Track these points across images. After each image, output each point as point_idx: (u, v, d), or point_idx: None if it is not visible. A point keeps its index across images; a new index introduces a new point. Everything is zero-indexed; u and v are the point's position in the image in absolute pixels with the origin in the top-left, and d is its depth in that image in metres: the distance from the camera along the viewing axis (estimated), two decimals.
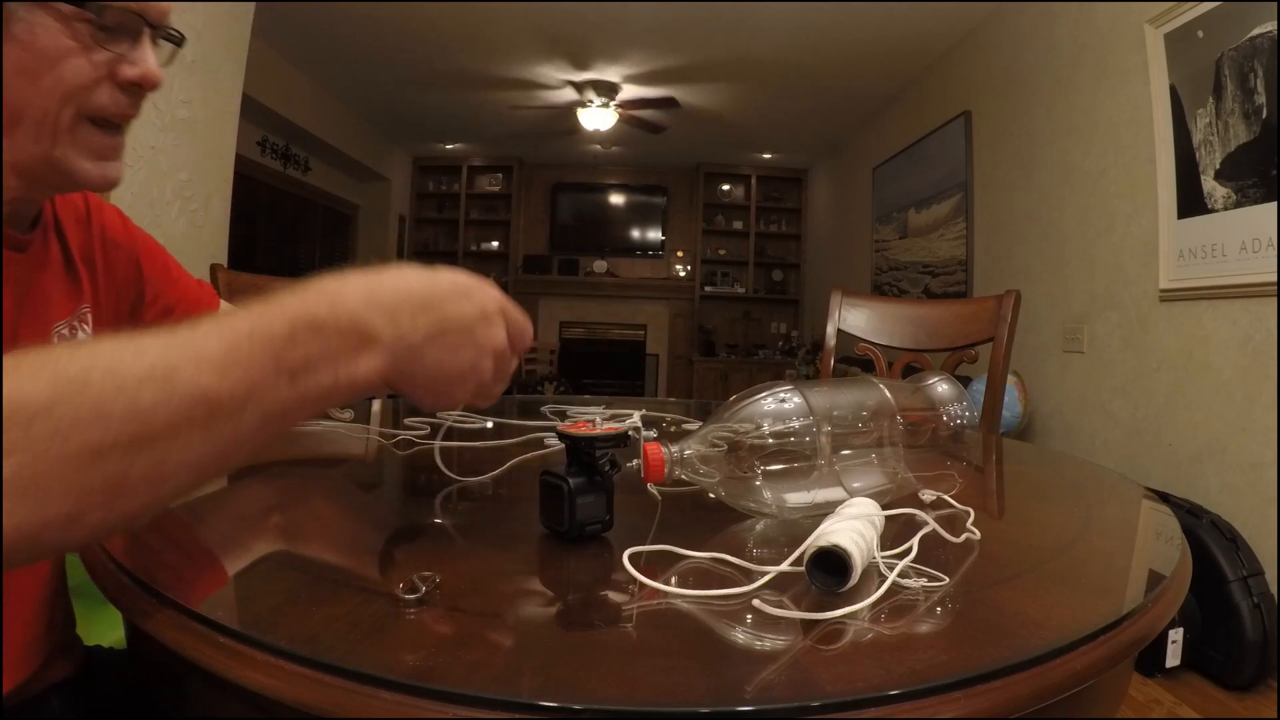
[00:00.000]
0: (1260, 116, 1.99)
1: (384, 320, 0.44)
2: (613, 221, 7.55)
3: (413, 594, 0.43)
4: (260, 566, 0.53)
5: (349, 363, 0.43)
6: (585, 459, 0.54)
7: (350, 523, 0.65)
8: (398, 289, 0.45)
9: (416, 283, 0.46)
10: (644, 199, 7.55)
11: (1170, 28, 2.31)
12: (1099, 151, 2.70)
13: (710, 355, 7.18)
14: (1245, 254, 2.04)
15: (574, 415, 1.16)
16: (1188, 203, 2.25)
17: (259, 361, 0.39)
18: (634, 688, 0.35)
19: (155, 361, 0.37)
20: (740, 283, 7.39)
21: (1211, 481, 2.16)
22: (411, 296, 0.45)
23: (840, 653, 0.39)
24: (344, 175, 6.22)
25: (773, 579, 0.46)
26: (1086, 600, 0.49)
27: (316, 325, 0.42)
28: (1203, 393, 2.20)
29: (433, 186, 7.42)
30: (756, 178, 7.25)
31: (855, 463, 0.60)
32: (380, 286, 0.45)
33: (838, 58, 4.24)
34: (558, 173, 7.49)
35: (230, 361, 0.39)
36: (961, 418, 0.69)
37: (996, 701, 0.35)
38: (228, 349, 0.39)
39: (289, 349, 0.41)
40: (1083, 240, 2.80)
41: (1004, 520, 0.72)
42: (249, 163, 4.62)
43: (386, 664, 0.35)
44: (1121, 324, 2.57)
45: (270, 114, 4.49)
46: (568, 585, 0.51)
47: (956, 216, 3.86)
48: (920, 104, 4.41)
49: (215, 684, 0.38)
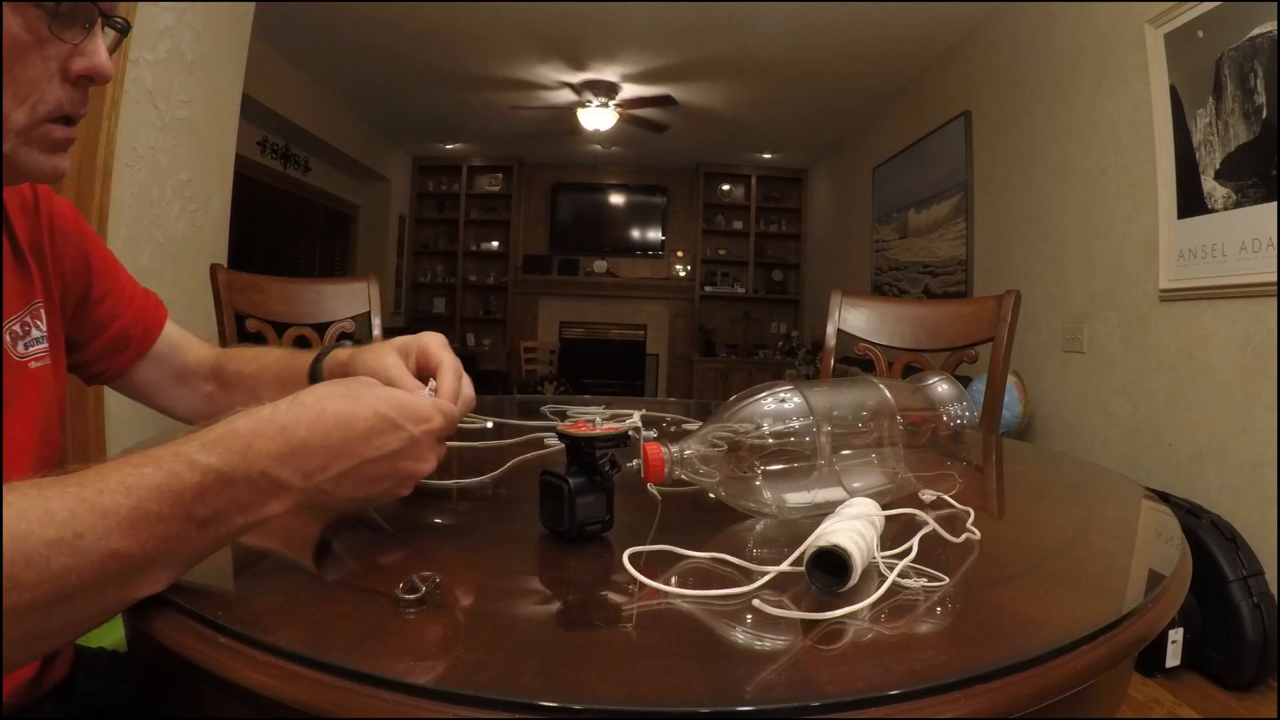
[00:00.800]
0: (1260, 116, 1.99)
1: (294, 473, 0.45)
2: (613, 221, 7.56)
3: (413, 594, 0.43)
4: (260, 566, 0.53)
5: (259, 509, 0.44)
6: (585, 459, 0.54)
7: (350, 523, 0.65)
8: (311, 438, 0.46)
9: (334, 427, 0.47)
10: (644, 199, 7.55)
11: (1170, 28, 2.31)
12: (1099, 151, 2.70)
13: (710, 355, 7.18)
14: (1245, 254, 2.04)
15: (574, 415, 1.16)
16: (1188, 203, 2.25)
17: (168, 516, 0.40)
18: (634, 688, 0.35)
19: (63, 527, 0.37)
20: (740, 283, 7.39)
21: (1211, 481, 2.16)
22: (327, 444, 0.47)
23: (840, 653, 0.39)
24: (344, 175, 6.22)
25: (773, 579, 0.46)
26: (1086, 600, 0.49)
27: (227, 480, 0.42)
28: (1203, 393, 2.20)
29: (433, 186, 7.42)
30: (756, 178, 7.25)
31: (855, 463, 0.60)
32: (293, 437, 0.46)
33: (838, 58, 4.24)
34: (558, 173, 7.49)
35: (139, 519, 0.39)
36: (961, 418, 0.69)
37: (996, 701, 0.35)
38: (136, 505, 0.39)
39: (198, 504, 0.41)
40: (1083, 240, 2.80)
41: (1004, 520, 0.72)
42: (249, 163, 4.62)
43: (386, 664, 0.35)
44: (1121, 324, 2.57)
45: (270, 114, 4.49)
46: (568, 585, 0.51)
47: (956, 216, 3.86)
48: (920, 104, 4.41)
49: (215, 684, 0.38)
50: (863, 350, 1.53)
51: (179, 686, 0.46)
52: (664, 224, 7.52)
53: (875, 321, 1.56)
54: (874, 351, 1.52)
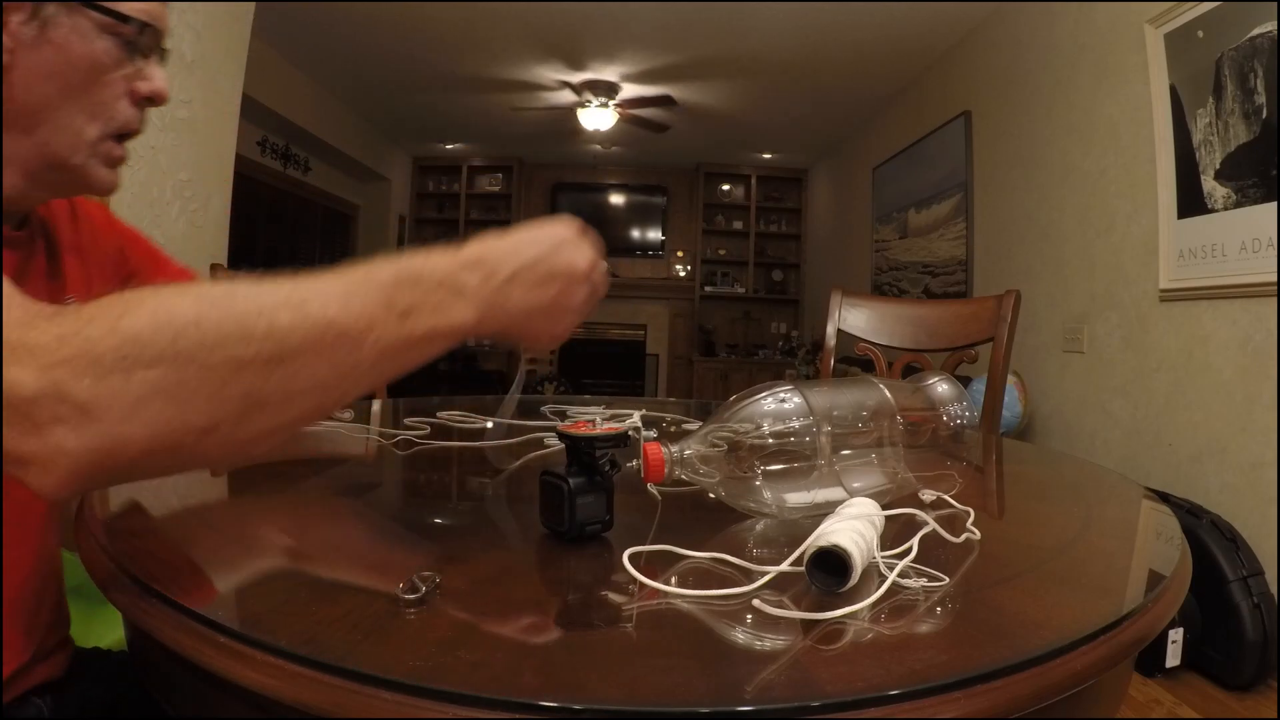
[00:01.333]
0: (1260, 116, 1.99)
1: (471, 275, 0.49)
2: (613, 221, 7.55)
3: (413, 594, 0.43)
4: (260, 566, 0.53)
5: (445, 311, 0.47)
6: (585, 459, 0.54)
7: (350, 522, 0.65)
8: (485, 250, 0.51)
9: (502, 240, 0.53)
10: (644, 199, 7.55)
11: (1170, 28, 2.31)
12: (1099, 151, 2.70)
13: (710, 355, 7.18)
14: (1245, 254, 2.04)
15: (574, 415, 1.16)
16: (1188, 203, 2.25)
17: (373, 299, 0.44)
18: (634, 688, 0.35)
19: (289, 292, 0.42)
20: (740, 283, 7.39)
21: (1211, 481, 2.16)
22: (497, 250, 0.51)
23: (840, 653, 0.39)
24: (344, 175, 6.22)
25: (773, 579, 0.46)
26: (1086, 600, 0.49)
27: (415, 278, 0.47)
28: (1203, 393, 2.20)
29: (433, 186, 7.42)
30: (756, 178, 7.25)
31: (855, 463, 0.60)
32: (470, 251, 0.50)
33: (838, 58, 4.24)
34: (558, 173, 7.49)
35: (350, 295, 0.44)
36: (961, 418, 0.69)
37: (996, 701, 0.35)
38: (347, 287, 0.44)
39: (397, 292, 0.45)
40: (1083, 240, 2.80)
41: (1004, 520, 0.72)
42: (249, 163, 4.62)
43: (386, 664, 0.35)
44: (1121, 324, 2.57)
45: (270, 114, 4.49)
46: (568, 585, 0.51)
47: (956, 216, 3.86)
48: (920, 104, 4.41)
49: (215, 684, 0.38)
50: (863, 350, 1.53)
51: (179, 686, 0.46)
52: (664, 224, 7.51)
53: (875, 321, 1.56)
54: (874, 351, 1.52)
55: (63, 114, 0.57)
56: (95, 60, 0.57)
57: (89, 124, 0.58)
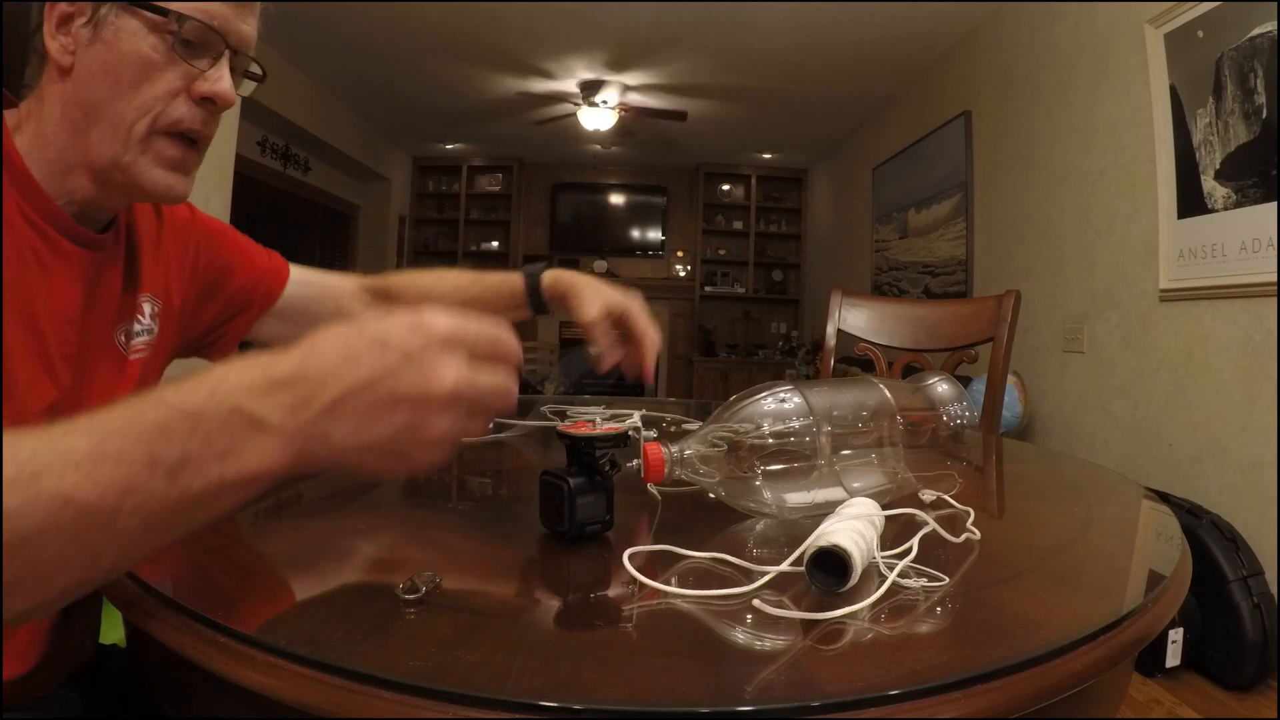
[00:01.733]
0: (1260, 116, 1.99)
1: (273, 408, 0.38)
2: (613, 221, 7.55)
3: (413, 594, 0.43)
4: (260, 567, 0.53)
5: (237, 456, 0.37)
6: (585, 459, 0.54)
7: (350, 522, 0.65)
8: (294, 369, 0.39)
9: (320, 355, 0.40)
10: (644, 199, 7.55)
11: (1170, 28, 2.30)
12: (1099, 151, 2.70)
13: (710, 355, 7.18)
14: (1245, 254, 2.04)
15: (574, 415, 1.16)
16: (1188, 203, 2.25)
17: (129, 457, 0.35)
18: (634, 688, 0.35)
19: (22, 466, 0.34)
20: (740, 283, 7.39)
21: (1211, 481, 2.16)
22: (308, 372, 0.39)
23: (840, 653, 0.39)
24: (344, 175, 6.22)
25: (773, 579, 0.46)
26: (1086, 600, 0.49)
27: (193, 417, 0.37)
28: (1203, 393, 2.20)
29: (433, 186, 7.41)
30: (756, 178, 7.25)
31: (855, 463, 0.60)
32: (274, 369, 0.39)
33: (838, 58, 4.23)
34: (558, 173, 7.49)
35: (98, 459, 0.35)
36: (961, 418, 0.69)
37: (996, 701, 0.35)
38: (99, 444, 0.35)
39: (162, 444, 0.36)
40: (1083, 240, 2.80)
41: (1004, 520, 0.72)
42: (249, 163, 4.62)
43: (386, 664, 0.35)
44: (1121, 324, 2.57)
45: (270, 114, 4.49)
46: (568, 585, 0.51)
47: (956, 216, 3.86)
48: (920, 104, 4.41)
49: (215, 684, 0.38)
50: (863, 350, 1.53)
51: (179, 686, 0.46)
52: (664, 224, 7.51)
53: (875, 321, 1.56)
54: (874, 351, 1.52)
55: (113, 111, 0.58)
56: (144, 58, 0.58)
57: (138, 120, 0.58)
